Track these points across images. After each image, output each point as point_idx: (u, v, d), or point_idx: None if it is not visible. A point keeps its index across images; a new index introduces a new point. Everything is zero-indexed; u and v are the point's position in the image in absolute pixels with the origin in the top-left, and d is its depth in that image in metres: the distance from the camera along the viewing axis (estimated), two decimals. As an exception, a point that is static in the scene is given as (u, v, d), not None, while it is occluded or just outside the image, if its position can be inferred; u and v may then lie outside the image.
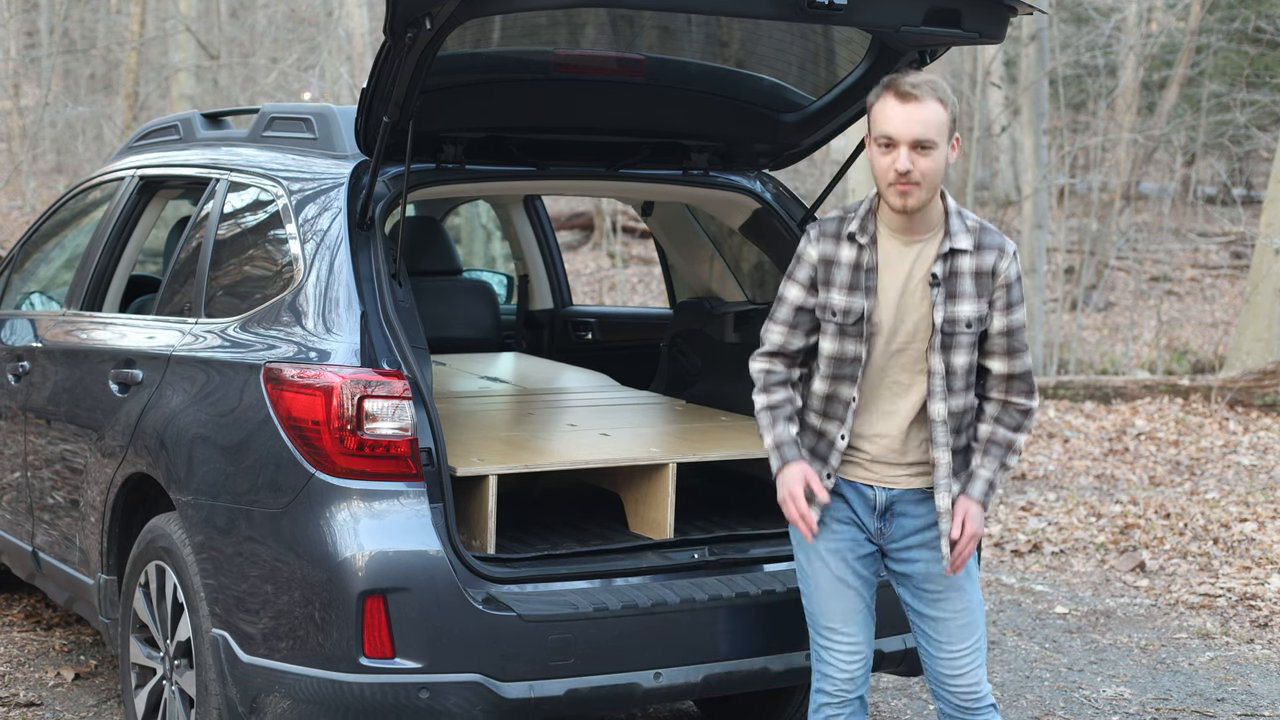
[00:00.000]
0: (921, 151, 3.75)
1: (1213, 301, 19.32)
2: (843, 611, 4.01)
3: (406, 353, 4.16)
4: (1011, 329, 3.87)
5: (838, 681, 4.03)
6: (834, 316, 3.88)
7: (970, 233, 3.85)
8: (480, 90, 4.62)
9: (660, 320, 6.46)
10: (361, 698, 3.98)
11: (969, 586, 3.97)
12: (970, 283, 3.83)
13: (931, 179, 3.77)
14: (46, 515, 5.51)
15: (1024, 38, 16.81)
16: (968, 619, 3.97)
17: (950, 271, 3.83)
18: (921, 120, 3.75)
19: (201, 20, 20.98)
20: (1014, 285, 3.86)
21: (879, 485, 3.95)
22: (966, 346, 3.85)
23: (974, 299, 3.83)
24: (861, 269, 3.86)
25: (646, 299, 18.42)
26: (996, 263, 3.84)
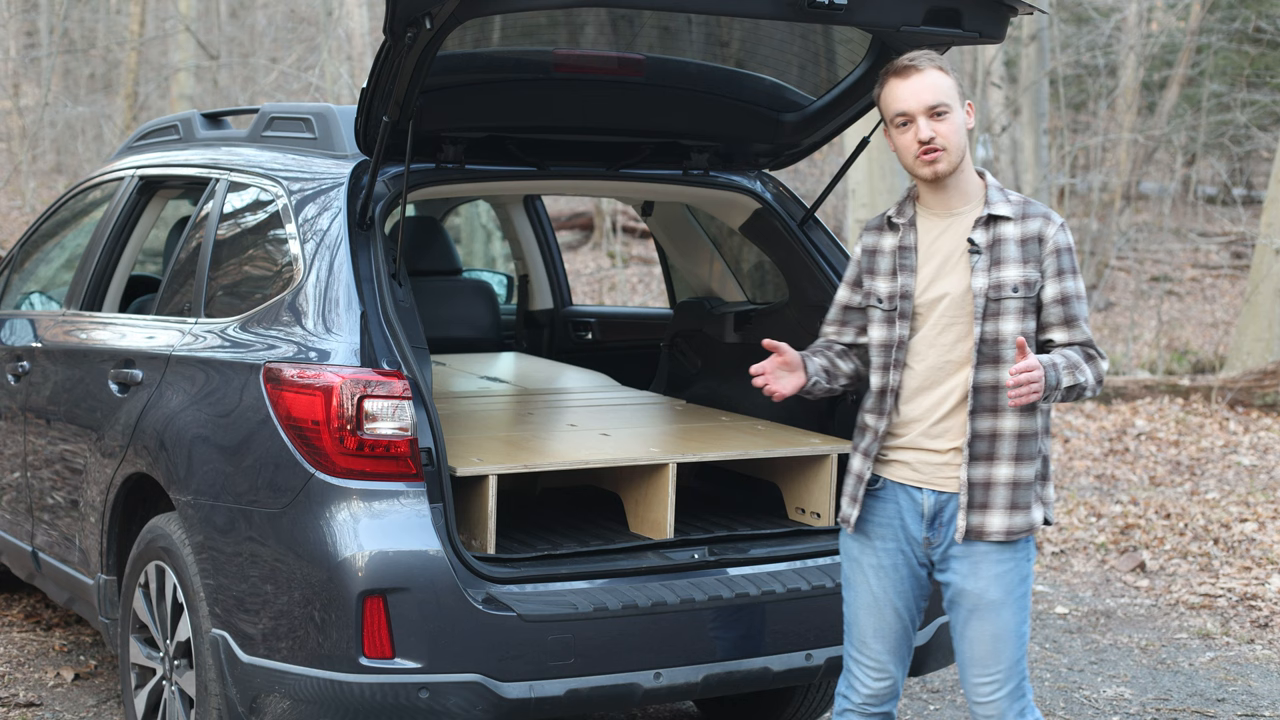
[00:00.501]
0: (938, 117, 3.78)
1: (1213, 301, 19.31)
2: (875, 629, 3.96)
3: (406, 353, 4.16)
4: (1066, 296, 3.79)
5: (861, 695, 4.01)
6: (880, 303, 3.92)
7: (1013, 203, 3.84)
8: (480, 90, 4.62)
9: (660, 320, 6.46)
10: (361, 698, 3.98)
11: (1005, 613, 3.82)
12: (1015, 248, 3.78)
13: (954, 141, 3.79)
14: (46, 515, 5.51)
15: (1024, 38, 16.82)
16: (995, 647, 3.82)
17: (994, 239, 3.80)
18: (929, 86, 3.79)
19: (201, 20, 20.97)
20: (1064, 252, 3.79)
21: (927, 488, 3.86)
22: (1015, 313, 3.77)
23: (1020, 264, 3.77)
24: (903, 249, 3.90)
25: (646, 299, 18.41)
26: (1043, 229, 3.79)
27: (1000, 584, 3.81)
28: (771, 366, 3.98)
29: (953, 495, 3.83)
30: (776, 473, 4.93)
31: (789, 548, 4.54)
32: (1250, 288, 13.56)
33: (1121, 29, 19.79)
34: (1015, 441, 3.79)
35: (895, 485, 3.91)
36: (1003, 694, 3.84)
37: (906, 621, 3.96)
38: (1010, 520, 3.79)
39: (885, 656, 3.97)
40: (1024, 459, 3.79)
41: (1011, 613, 3.82)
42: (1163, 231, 20.94)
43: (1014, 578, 3.82)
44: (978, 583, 3.82)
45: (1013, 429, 3.78)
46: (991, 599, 3.81)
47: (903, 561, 3.92)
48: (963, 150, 3.82)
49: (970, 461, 3.79)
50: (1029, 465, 3.80)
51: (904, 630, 3.96)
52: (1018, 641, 3.84)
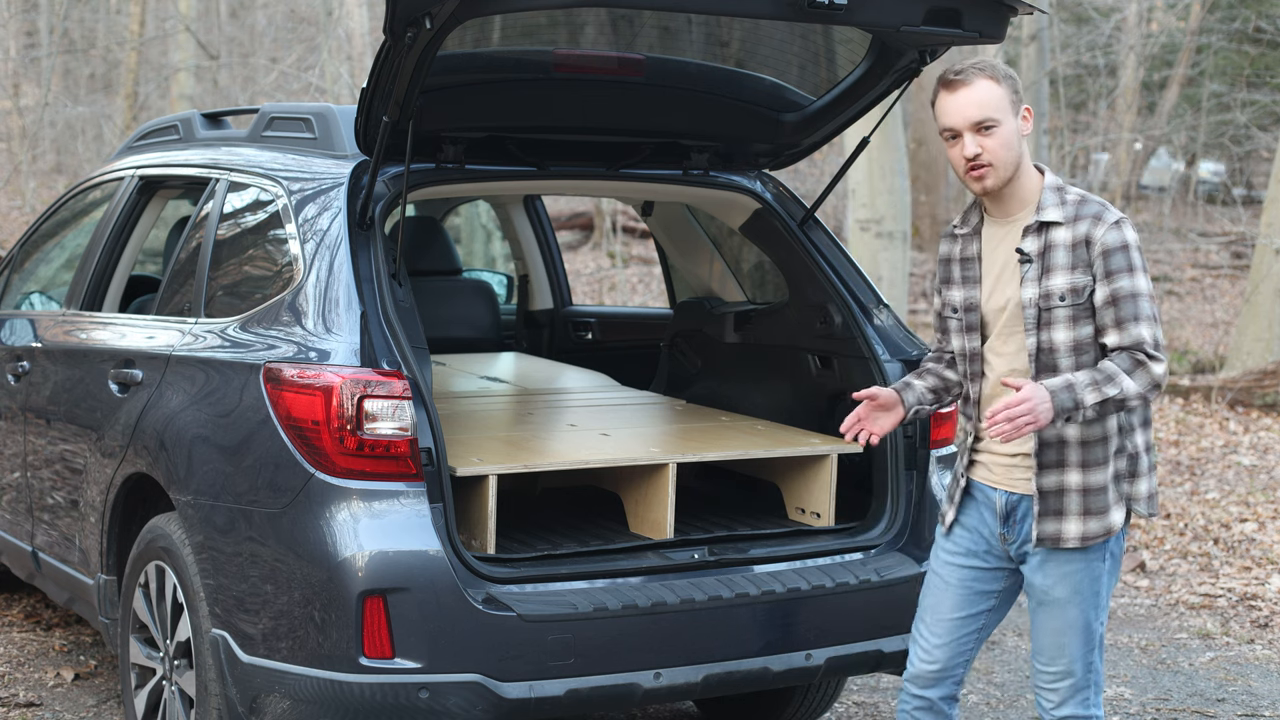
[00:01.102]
0: (984, 132, 3.73)
1: (1213, 301, 19.31)
2: (932, 609, 4.01)
3: (406, 353, 4.16)
4: (1116, 298, 3.68)
5: (909, 672, 4.06)
6: (954, 313, 3.93)
7: (1066, 205, 3.76)
8: (480, 90, 4.62)
9: (660, 320, 6.46)
10: (361, 698, 3.98)
11: (1070, 610, 3.83)
12: (1065, 254, 3.72)
13: (1003, 156, 3.74)
14: (46, 515, 5.51)
15: (1024, 38, 16.81)
16: (1057, 640, 3.84)
17: (1046, 245, 3.75)
18: (974, 102, 3.73)
19: (201, 20, 20.97)
20: (1114, 252, 3.68)
21: (1001, 488, 3.88)
22: (1065, 321, 3.72)
23: (1068, 270, 3.71)
24: (967, 260, 3.90)
25: (646, 299, 18.41)
26: (1091, 230, 3.71)
27: (1067, 583, 3.82)
28: (866, 413, 3.98)
29: (1024, 496, 3.84)
30: (776, 473, 4.93)
31: (789, 548, 4.54)
32: (1250, 288, 13.55)
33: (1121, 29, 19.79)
34: (1081, 449, 3.75)
35: (977, 484, 3.95)
36: (1063, 685, 3.87)
37: (966, 613, 3.97)
38: (1085, 526, 3.78)
39: (933, 640, 4.00)
40: (1093, 465, 3.76)
41: (1078, 611, 3.83)
42: (1163, 231, 20.95)
43: (1083, 577, 3.82)
44: (1045, 579, 3.84)
45: (1079, 436, 3.75)
46: (1057, 596, 3.83)
47: (977, 555, 3.95)
48: (1013, 163, 3.76)
49: (1040, 470, 3.79)
50: (1099, 470, 3.77)
51: (959, 621, 3.97)
52: (1084, 638, 3.84)
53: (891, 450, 4.68)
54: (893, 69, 4.65)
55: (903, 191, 11.77)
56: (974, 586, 3.97)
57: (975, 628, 4.00)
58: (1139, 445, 3.82)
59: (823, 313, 5.00)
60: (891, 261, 11.70)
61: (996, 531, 3.92)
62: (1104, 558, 3.83)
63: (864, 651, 4.47)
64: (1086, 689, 3.87)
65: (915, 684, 4.05)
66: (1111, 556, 3.85)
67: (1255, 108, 19.54)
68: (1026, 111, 3.80)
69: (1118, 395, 3.64)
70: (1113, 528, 3.80)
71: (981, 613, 3.99)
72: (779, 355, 5.29)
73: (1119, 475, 3.79)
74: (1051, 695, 3.89)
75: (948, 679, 4.03)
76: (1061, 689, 3.87)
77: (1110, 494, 3.78)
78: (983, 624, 4.01)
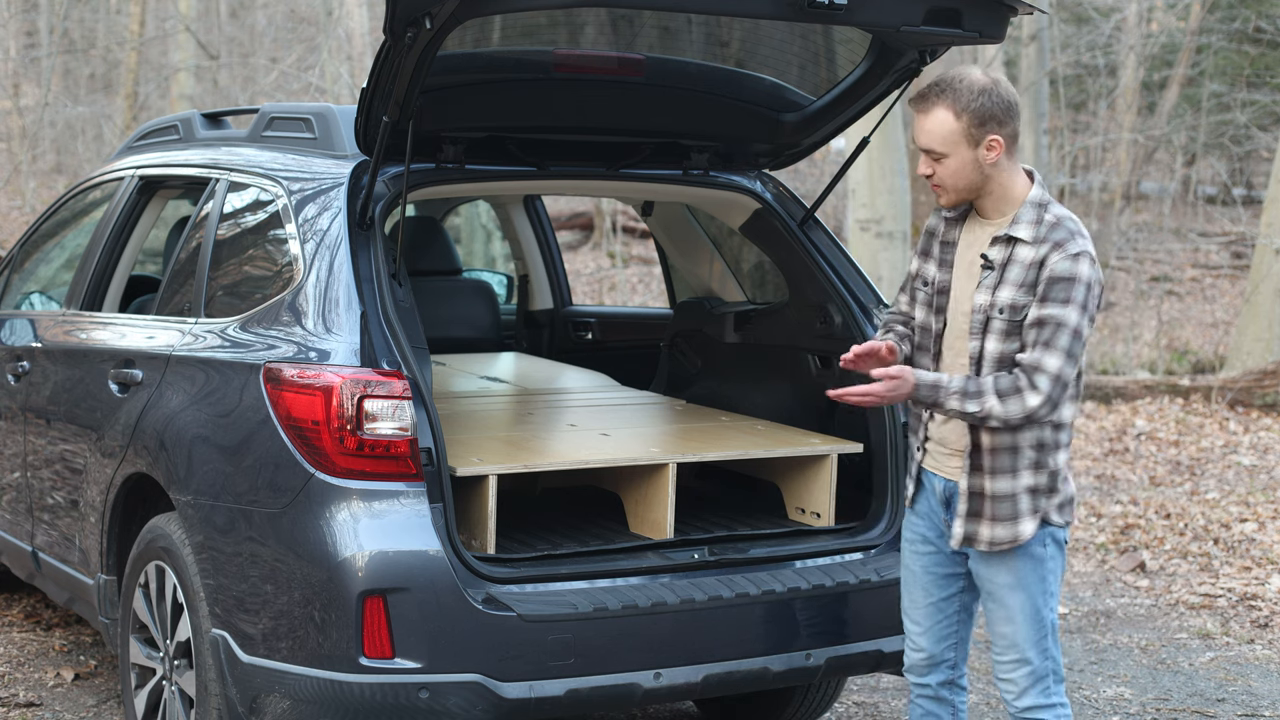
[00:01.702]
0: (933, 160, 3.82)
1: (1213, 301, 19.30)
2: (909, 600, 4.11)
3: (406, 353, 4.16)
4: (1042, 320, 3.72)
5: (906, 664, 4.16)
6: (924, 286, 3.99)
7: (1040, 224, 3.79)
8: (480, 90, 4.62)
9: (660, 320, 6.46)
10: (361, 698, 3.98)
11: (1017, 596, 3.87)
12: (1021, 271, 3.77)
13: (951, 183, 3.83)
14: (46, 515, 5.51)
15: (1024, 38, 16.81)
16: (1008, 629, 3.90)
17: (1009, 258, 3.80)
18: (926, 131, 3.82)
19: (201, 20, 20.96)
20: (1059, 281, 3.70)
21: (940, 474, 3.98)
22: (999, 334, 3.78)
23: (1016, 286, 3.76)
24: (946, 244, 3.96)
25: (646, 299, 18.40)
26: (1049, 254, 3.74)
27: (1008, 570, 3.88)
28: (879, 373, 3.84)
29: (957, 484, 3.93)
30: (776, 473, 4.93)
31: (789, 548, 4.54)
32: (1250, 288, 13.55)
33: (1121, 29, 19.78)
34: (991, 455, 3.83)
35: (925, 471, 4.04)
36: (1020, 674, 3.91)
37: (936, 597, 4.04)
38: (993, 532, 3.86)
39: (914, 629, 4.10)
40: (1000, 473, 3.83)
41: (1024, 596, 3.88)
42: (1163, 231, 20.94)
43: (1023, 563, 3.88)
44: (987, 568, 3.92)
45: (990, 444, 3.83)
46: (1001, 583, 3.90)
47: (931, 541, 4.04)
48: (967, 188, 3.83)
49: (970, 471, 3.87)
50: (1005, 479, 3.83)
51: (933, 607, 4.05)
52: (1033, 624, 3.89)
53: (891, 450, 4.68)
54: (893, 69, 4.65)
55: (903, 191, 11.78)
56: (937, 571, 4.04)
57: (952, 611, 4.06)
58: (1059, 464, 3.88)
59: (823, 313, 5.00)
60: (891, 261, 11.70)
61: (943, 517, 4.00)
62: (1044, 543, 3.88)
63: (864, 651, 4.47)
64: (1045, 678, 3.92)
65: (913, 673, 4.15)
66: (1054, 542, 3.90)
67: (1255, 108, 19.53)
68: (993, 142, 3.79)
69: (979, 412, 3.73)
70: (1020, 537, 3.85)
71: (953, 595, 4.05)
72: (779, 355, 5.29)
73: (1036, 489, 3.85)
74: (1010, 686, 3.94)
75: (940, 664, 4.10)
76: (1019, 678, 3.92)
77: (1021, 504, 3.84)
78: (959, 606, 4.07)
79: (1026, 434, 3.81)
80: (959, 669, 4.12)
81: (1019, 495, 3.84)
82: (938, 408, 3.77)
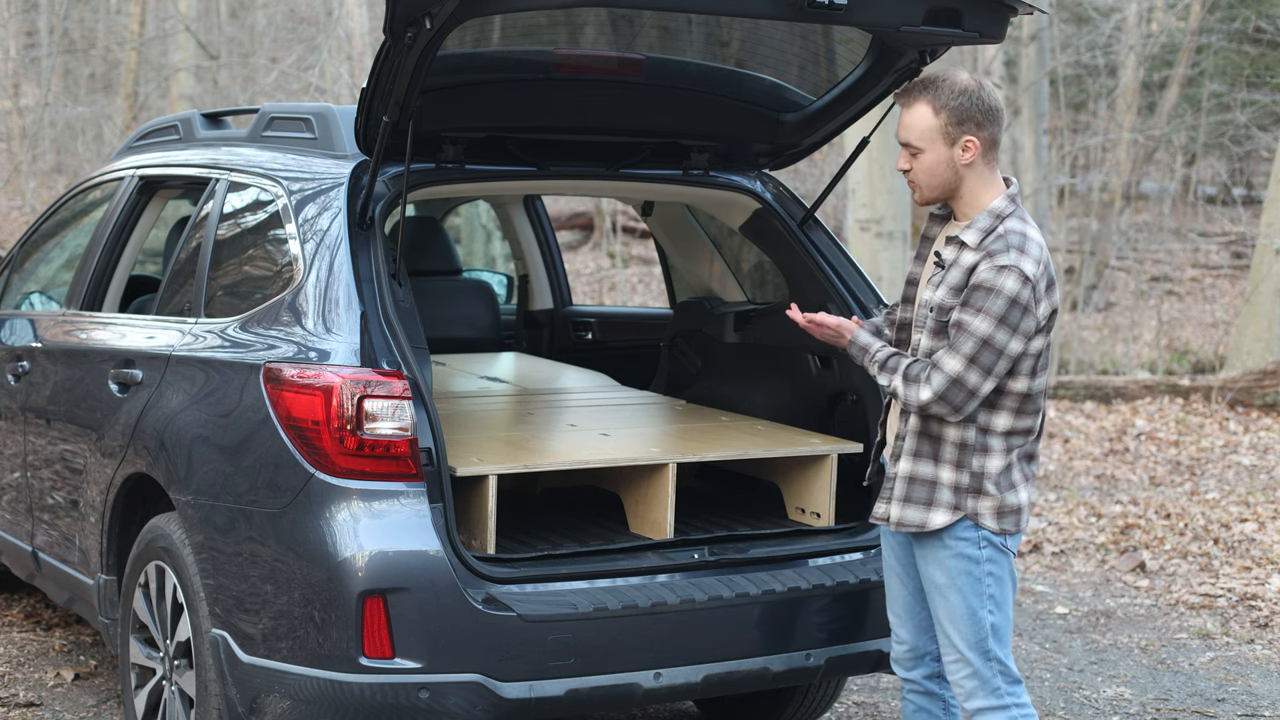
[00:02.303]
0: (911, 154, 3.88)
1: (1213, 301, 19.31)
2: (890, 598, 4.17)
3: (406, 353, 4.16)
4: (956, 323, 3.80)
5: (892, 658, 4.21)
6: (909, 284, 4.09)
7: (985, 233, 3.85)
8: (480, 90, 4.62)
9: (660, 320, 6.46)
10: (361, 698, 3.98)
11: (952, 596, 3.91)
12: (959, 275, 3.85)
13: (924, 179, 3.90)
14: (46, 515, 5.51)
15: (1024, 38, 16.81)
16: (948, 628, 3.95)
17: (954, 260, 3.88)
18: (905, 125, 3.90)
19: (201, 20, 20.96)
20: (979, 289, 3.76)
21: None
22: (930, 331, 3.88)
23: (950, 288, 3.85)
24: (925, 238, 4.07)
25: (646, 299, 18.40)
26: (980, 262, 3.81)
27: (940, 569, 3.93)
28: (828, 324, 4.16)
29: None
30: (776, 473, 4.93)
31: (789, 548, 4.54)
32: (1250, 288, 13.55)
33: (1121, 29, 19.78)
34: (917, 439, 3.91)
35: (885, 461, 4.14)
36: (963, 674, 3.95)
37: (913, 588, 4.09)
38: (901, 512, 3.94)
39: (895, 620, 4.16)
40: (921, 456, 3.92)
41: (958, 597, 3.92)
42: (1163, 231, 20.93)
43: (955, 564, 3.91)
44: (924, 564, 3.99)
45: (916, 426, 3.91)
46: (937, 582, 3.95)
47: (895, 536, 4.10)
48: (938, 187, 3.90)
49: (893, 455, 3.99)
50: (924, 463, 3.91)
51: (912, 596, 4.10)
52: (970, 625, 3.92)
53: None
54: (893, 69, 4.65)
55: (903, 191, 11.78)
56: (910, 564, 4.08)
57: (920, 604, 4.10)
58: (987, 469, 3.88)
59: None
60: (891, 261, 11.70)
61: None
62: (978, 544, 3.90)
63: (864, 651, 4.48)
64: (992, 679, 3.93)
65: (899, 667, 4.19)
66: (991, 545, 3.90)
67: (1255, 108, 19.52)
68: (969, 143, 3.85)
69: (887, 386, 3.92)
70: (928, 524, 3.89)
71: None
72: (779, 355, 5.29)
73: (958, 486, 3.89)
74: (958, 689, 3.98)
75: (924, 656, 4.13)
76: (962, 680, 3.95)
77: (939, 494, 3.89)
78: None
79: (950, 430, 3.88)
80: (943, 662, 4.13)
81: (939, 485, 3.89)
82: (864, 369, 3.99)
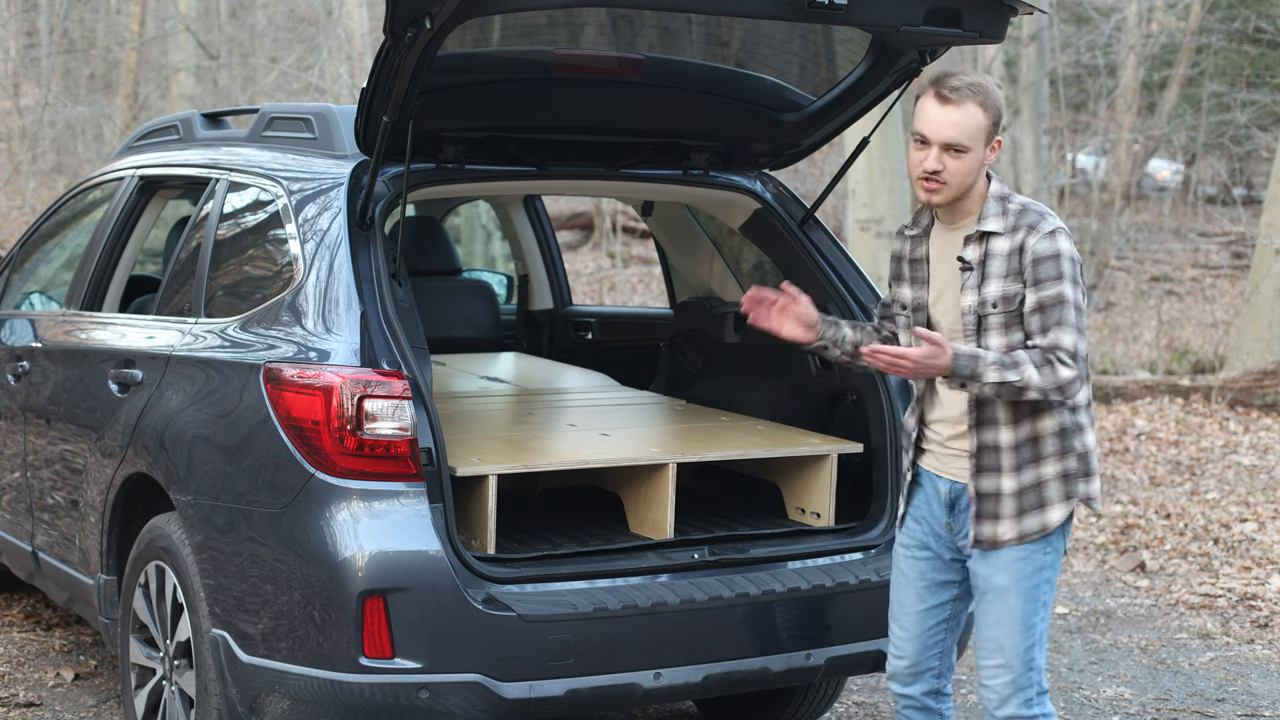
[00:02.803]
0: (953, 154, 3.78)
1: (1213, 301, 19.30)
2: (897, 603, 4.09)
3: (406, 353, 4.16)
4: (1042, 304, 3.73)
5: (888, 671, 4.13)
6: (902, 310, 4.02)
7: (1007, 215, 3.82)
8: (480, 90, 4.61)
9: (660, 320, 6.46)
10: (361, 698, 3.98)
11: (1011, 600, 3.85)
12: (1001, 263, 3.79)
13: (959, 180, 3.81)
14: (46, 515, 5.51)
15: (1024, 38, 16.82)
16: (999, 632, 3.87)
17: (986, 254, 3.82)
18: (956, 124, 3.77)
19: (201, 20, 20.96)
20: (1044, 260, 3.73)
21: (944, 475, 3.96)
22: (998, 328, 3.79)
23: (1001, 278, 3.78)
24: (915, 261, 3.98)
25: (646, 299, 18.40)
26: (1025, 238, 3.77)
27: (1008, 571, 3.86)
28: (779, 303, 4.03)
29: (965, 485, 3.91)
30: (776, 473, 4.93)
31: (789, 548, 4.54)
32: (1250, 288, 13.55)
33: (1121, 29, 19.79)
34: (1014, 453, 3.82)
35: (924, 472, 4.03)
36: (1003, 680, 3.88)
37: (927, 605, 4.02)
38: (1020, 526, 3.84)
39: (900, 634, 4.07)
40: (1024, 466, 3.82)
41: (1019, 601, 3.86)
42: (1163, 231, 20.94)
43: (1024, 568, 3.85)
44: (987, 568, 3.89)
45: (1010, 441, 3.82)
46: (998, 584, 3.87)
47: (929, 546, 4.02)
48: (966, 186, 3.83)
49: (978, 472, 3.85)
50: (1030, 470, 3.82)
51: (922, 614, 4.03)
52: (1022, 631, 3.87)
53: (891, 450, 4.68)
54: (893, 69, 4.65)
55: (903, 191, 11.78)
56: (932, 578, 4.02)
57: (940, 619, 4.04)
58: (1088, 445, 3.87)
59: (823, 312, 5.00)
60: (891, 261, 11.69)
61: (944, 521, 3.97)
62: (1045, 549, 3.87)
63: (864, 651, 4.47)
64: (1028, 689, 3.89)
65: (895, 682, 4.12)
66: (1054, 550, 3.89)
67: (1255, 108, 19.53)
68: (997, 143, 3.85)
69: (1018, 382, 3.69)
70: (1048, 525, 3.84)
71: (944, 603, 4.04)
72: (779, 355, 5.29)
73: (1068, 474, 3.84)
74: (992, 694, 3.91)
75: (924, 673, 4.07)
76: (1000, 685, 3.89)
77: (1050, 491, 3.83)
78: (948, 615, 4.05)
79: (1047, 422, 3.81)
80: (944, 678, 4.09)
81: (1047, 484, 3.82)
82: (975, 380, 3.70)
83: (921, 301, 3.96)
